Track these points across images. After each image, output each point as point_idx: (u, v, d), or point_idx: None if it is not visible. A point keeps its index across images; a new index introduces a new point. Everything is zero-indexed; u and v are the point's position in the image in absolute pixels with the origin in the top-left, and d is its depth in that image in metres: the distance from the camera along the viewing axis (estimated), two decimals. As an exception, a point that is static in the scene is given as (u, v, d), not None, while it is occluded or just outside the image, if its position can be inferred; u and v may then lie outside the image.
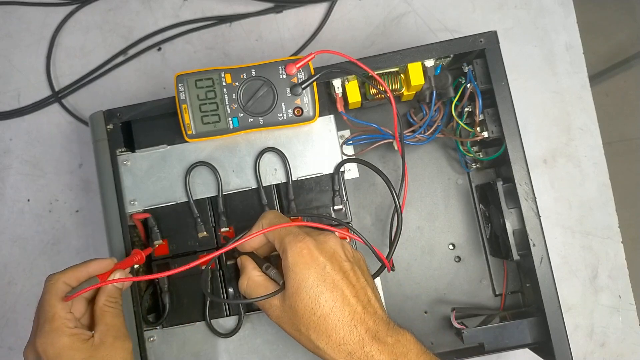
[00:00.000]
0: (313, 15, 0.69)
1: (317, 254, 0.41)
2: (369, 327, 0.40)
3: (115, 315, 0.45)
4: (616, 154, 1.24)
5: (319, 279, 0.41)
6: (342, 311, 0.40)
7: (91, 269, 0.45)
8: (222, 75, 0.51)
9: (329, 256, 0.42)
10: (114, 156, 0.54)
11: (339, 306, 0.40)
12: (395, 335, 0.41)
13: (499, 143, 0.53)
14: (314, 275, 0.41)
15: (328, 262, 0.41)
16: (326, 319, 0.40)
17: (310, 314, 0.40)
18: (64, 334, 0.41)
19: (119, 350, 0.44)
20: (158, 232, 0.54)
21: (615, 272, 0.64)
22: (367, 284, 0.43)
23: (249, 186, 0.54)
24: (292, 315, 0.42)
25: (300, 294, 0.41)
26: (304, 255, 0.41)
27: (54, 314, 0.42)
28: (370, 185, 0.60)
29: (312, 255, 0.41)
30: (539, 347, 0.53)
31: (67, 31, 0.70)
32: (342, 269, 0.42)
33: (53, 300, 0.42)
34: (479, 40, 0.52)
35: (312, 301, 0.40)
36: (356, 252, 0.46)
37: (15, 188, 0.67)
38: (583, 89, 0.66)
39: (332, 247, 0.43)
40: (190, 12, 0.69)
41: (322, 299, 0.40)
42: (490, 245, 0.59)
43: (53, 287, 0.43)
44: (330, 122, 0.54)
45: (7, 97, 0.69)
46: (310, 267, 0.41)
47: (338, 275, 0.41)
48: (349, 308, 0.40)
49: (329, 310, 0.40)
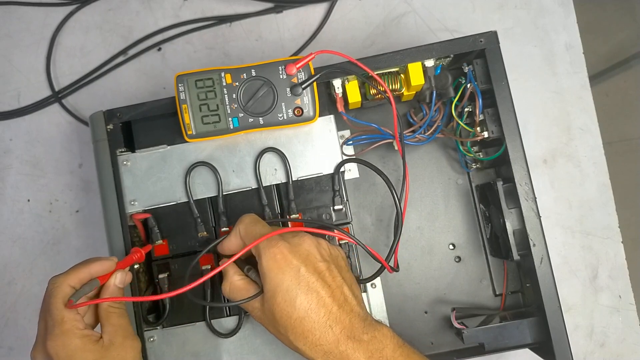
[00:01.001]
0: (313, 15, 0.69)
1: (291, 258, 0.42)
2: (345, 325, 0.41)
3: (120, 316, 0.46)
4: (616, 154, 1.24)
5: (293, 283, 0.41)
6: (318, 312, 0.41)
7: (93, 269, 0.45)
8: (222, 75, 0.51)
9: (303, 258, 0.42)
10: (114, 156, 0.54)
11: (314, 308, 0.41)
12: (372, 332, 0.42)
13: (499, 143, 0.53)
14: (289, 279, 0.41)
15: (302, 264, 0.42)
16: (302, 321, 0.41)
17: (287, 317, 0.41)
18: (75, 336, 0.42)
19: (129, 350, 0.45)
20: (158, 232, 0.54)
21: (615, 272, 0.64)
22: (344, 282, 0.44)
23: (249, 186, 0.54)
24: (272, 318, 0.42)
25: (276, 298, 0.41)
26: (277, 260, 0.42)
27: (62, 316, 0.42)
28: (370, 185, 0.60)
29: (286, 259, 0.42)
30: (539, 347, 0.53)
31: (67, 31, 0.70)
32: (316, 270, 0.42)
33: (60, 303, 0.42)
34: (479, 40, 0.52)
35: (288, 305, 0.41)
36: (333, 249, 0.46)
37: (15, 188, 0.67)
38: (583, 89, 0.66)
39: (306, 249, 0.43)
40: (190, 12, 0.69)
41: (297, 302, 0.41)
42: (490, 245, 0.59)
43: (58, 290, 0.43)
44: (330, 122, 0.54)
45: (7, 97, 0.69)
46: (284, 271, 0.42)
47: (313, 277, 0.42)
48: (325, 309, 0.41)
49: (304, 313, 0.41)
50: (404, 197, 0.52)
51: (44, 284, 0.44)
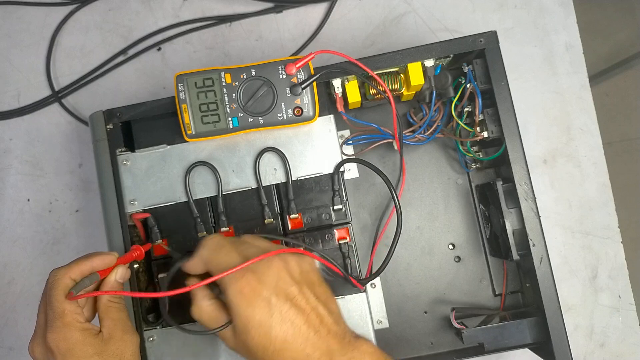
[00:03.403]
0: (313, 15, 0.69)
1: (260, 289, 0.40)
2: (322, 351, 0.39)
3: (120, 310, 0.46)
4: (616, 154, 1.24)
5: (265, 315, 0.39)
6: (294, 342, 0.39)
7: (95, 263, 0.45)
8: (222, 75, 0.51)
9: (272, 287, 0.40)
10: (113, 156, 0.54)
11: (290, 338, 0.39)
12: (350, 352, 0.40)
13: (499, 143, 0.53)
14: (260, 312, 0.39)
15: (272, 294, 0.40)
16: (280, 353, 0.39)
17: (263, 350, 0.39)
18: (76, 329, 0.42)
19: (129, 344, 0.45)
20: (158, 232, 0.54)
21: (615, 272, 0.64)
22: (318, 301, 0.41)
23: (249, 186, 0.54)
24: (246, 350, 0.41)
25: (250, 333, 0.39)
26: (245, 294, 0.39)
27: (63, 309, 0.42)
28: (370, 185, 0.60)
29: (254, 291, 0.40)
30: (539, 347, 0.53)
31: (67, 31, 0.70)
32: (288, 297, 0.40)
33: (61, 296, 0.43)
34: (479, 40, 0.52)
35: (263, 338, 0.39)
36: (303, 263, 0.43)
37: (15, 188, 0.68)
38: (583, 89, 0.66)
39: (274, 275, 0.41)
40: (190, 12, 0.69)
41: (272, 335, 0.39)
42: (490, 245, 0.59)
43: (60, 282, 0.43)
44: (330, 122, 0.54)
45: (7, 97, 0.69)
46: (254, 305, 0.39)
47: (285, 305, 0.40)
48: (301, 337, 0.39)
49: (280, 345, 0.39)
50: (399, 190, 0.53)
51: (44, 284, 0.44)
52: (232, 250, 0.43)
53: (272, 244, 0.46)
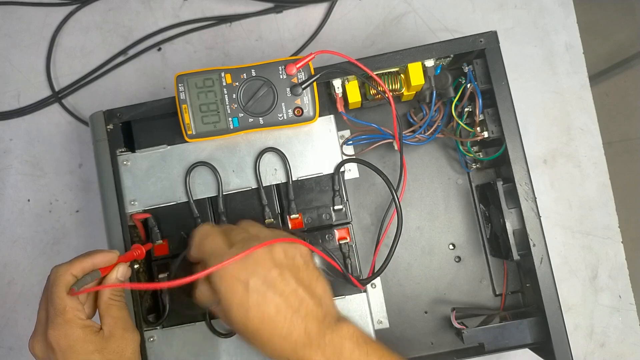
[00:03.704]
0: (313, 15, 0.69)
1: (238, 273, 0.41)
2: (300, 332, 0.40)
3: (121, 308, 0.46)
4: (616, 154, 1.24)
5: (243, 298, 0.40)
6: (272, 323, 0.40)
7: (96, 260, 0.45)
8: (222, 75, 0.51)
9: (250, 271, 0.41)
10: (114, 156, 0.54)
11: (268, 319, 0.40)
12: (330, 334, 0.41)
13: (499, 143, 0.53)
14: (238, 295, 0.40)
15: (251, 277, 0.40)
16: (259, 332, 0.40)
17: (244, 328, 0.41)
18: (77, 325, 0.42)
19: (129, 342, 0.45)
20: (158, 232, 0.54)
21: (615, 272, 0.64)
22: (299, 284, 0.42)
23: (249, 186, 0.54)
24: (234, 328, 0.42)
25: (231, 312, 0.41)
26: (225, 280, 0.41)
27: (64, 305, 0.42)
28: (370, 185, 0.60)
29: (233, 275, 0.41)
30: (539, 347, 0.53)
31: (67, 31, 0.70)
32: (266, 280, 0.41)
33: (62, 292, 0.43)
34: (479, 41, 0.52)
35: (243, 318, 0.40)
36: (290, 248, 0.43)
37: (15, 188, 0.68)
38: (583, 89, 0.66)
39: (255, 260, 0.41)
40: (190, 12, 0.69)
41: (250, 315, 0.40)
42: (490, 245, 0.59)
43: (61, 278, 0.43)
44: (330, 122, 0.54)
45: (7, 97, 0.69)
46: (233, 289, 0.40)
47: (262, 288, 0.40)
48: (280, 318, 0.40)
49: (259, 324, 0.40)
50: (400, 191, 0.53)
51: (45, 284, 0.44)
52: (217, 237, 0.44)
53: (268, 229, 0.47)
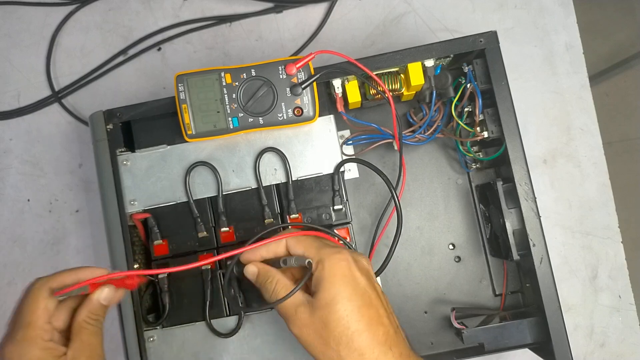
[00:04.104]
0: (313, 15, 0.69)
1: (355, 269, 0.40)
2: (402, 351, 0.39)
3: (92, 334, 0.42)
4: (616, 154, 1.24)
5: (356, 294, 0.39)
6: (377, 330, 0.39)
7: (81, 275, 0.42)
8: (222, 75, 0.51)
9: (364, 273, 0.41)
10: (114, 156, 0.54)
11: (375, 324, 0.39)
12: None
13: (499, 143, 0.53)
14: (352, 288, 0.39)
15: (364, 278, 0.40)
16: (361, 335, 0.38)
17: (344, 328, 0.38)
18: (37, 346, 0.39)
19: None
20: (158, 232, 0.54)
21: (615, 272, 0.64)
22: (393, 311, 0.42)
23: (249, 186, 0.54)
24: (322, 328, 0.39)
25: (335, 306, 0.39)
26: (342, 267, 0.40)
27: (30, 321, 0.39)
28: (370, 185, 0.60)
29: (351, 269, 0.40)
30: (539, 347, 0.53)
31: (67, 31, 0.70)
32: (375, 289, 0.41)
33: (33, 306, 0.40)
34: (479, 40, 0.52)
35: (348, 314, 0.38)
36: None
37: (15, 188, 0.67)
38: (583, 89, 0.66)
39: (366, 266, 0.42)
40: (190, 12, 0.69)
41: (358, 314, 0.39)
42: (490, 245, 0.59)
43: (37, 292, 0.40)
44: (330, 122, 0.54)
45: (7, 97, 0.69)
46: (348, 280, 0.40)
47: (373, 294, 0.40)
48: (384, 328, 0.39)
49: (365, 327, 0.38)
50: (400, 190, 0.53)
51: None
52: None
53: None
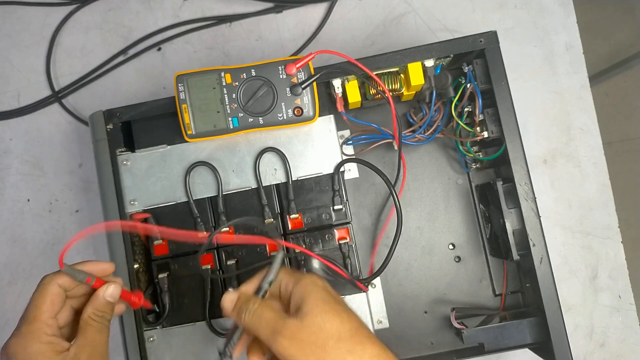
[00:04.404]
0: (313, 15, 0.69)
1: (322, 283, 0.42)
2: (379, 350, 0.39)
3: (97, 331, 0.42)
4: (616, 154, 1.24)
5: (340, 301, 0.41)
6: (362, 334, 0.39)
7: (88, 267, 0.43)
8: (222, 75, 0.51)
9: (327, 285, 0.42)
10: (114, 156, 0.54)
11: (360, 323, 0.40)
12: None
13: (499, 143, 0.53)
14: (333, 296, 0.41)
15: (329, 286, 0.42)
16: (358, 331, 0.39)
17: (340, 323, 0.39)
18: (39, 340, 0.39)
19: None
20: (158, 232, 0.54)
21: (615, 272, 0.64)
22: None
23: (249, 186, 0.54)
24: (318, 332, 0.38)
25: (325, 306, 0.39)
26: (317, 284, 0.41)
27: (35, 316, 0.40)
28: (370, 185, 0.60)
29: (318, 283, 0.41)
30: (539, 347, 0.53)
31: (67, 31, 0.70)
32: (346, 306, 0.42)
33: (39, 301, 0.41)
34: (479, 40, 0.52)
35: (341, 311, 0.39)
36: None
37: (15, 188, 0.67)
38: (583, 89, 0.66)
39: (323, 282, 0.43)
40: (190, 12, 0.69)
41: (347, 314, 0.39)
42: (490, 245, 0.59)
43: (45, 288, 0.41)
44: (330, 122, 0.54)
45: (7, 97, 0.69)
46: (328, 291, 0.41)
47: (339, 297, 0.41)
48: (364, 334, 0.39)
49: (357, 323, 0.39)
50: (399, 189, 0.53)
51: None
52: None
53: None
